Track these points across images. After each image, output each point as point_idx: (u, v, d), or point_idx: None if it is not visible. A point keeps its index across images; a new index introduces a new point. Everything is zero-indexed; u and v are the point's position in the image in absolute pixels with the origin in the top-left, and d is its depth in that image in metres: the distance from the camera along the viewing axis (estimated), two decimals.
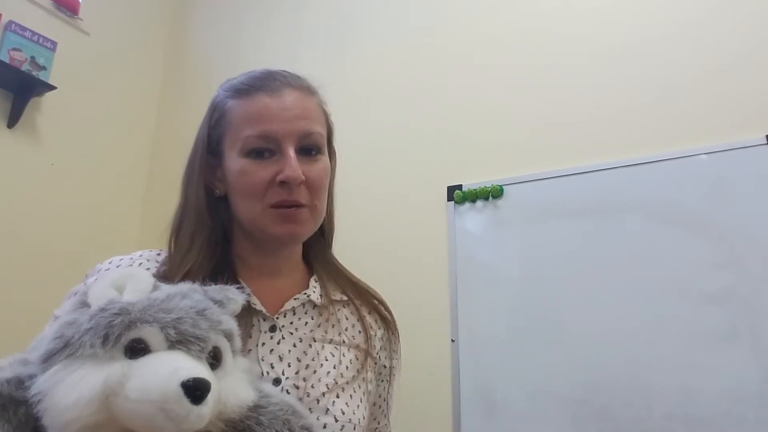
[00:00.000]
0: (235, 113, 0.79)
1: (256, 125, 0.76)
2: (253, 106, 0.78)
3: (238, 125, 0.78)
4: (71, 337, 0.48)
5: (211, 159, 0.81)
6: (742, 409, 1.48)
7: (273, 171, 0.76)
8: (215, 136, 0.81)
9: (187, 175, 0.83)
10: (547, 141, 1.95)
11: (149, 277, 0.56)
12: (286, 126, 0.76)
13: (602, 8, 1.97)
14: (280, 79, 0.80)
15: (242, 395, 0.54)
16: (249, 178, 0.76)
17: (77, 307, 0.52)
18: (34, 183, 2.32)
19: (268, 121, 0.76)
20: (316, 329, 0.81)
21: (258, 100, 0.78)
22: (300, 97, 0.80)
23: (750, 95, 1.68)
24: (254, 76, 0.81)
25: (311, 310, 0.83)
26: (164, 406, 0.45)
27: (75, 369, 0.47)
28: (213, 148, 0.81)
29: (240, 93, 0.80)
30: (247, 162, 0.76)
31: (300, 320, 0.81)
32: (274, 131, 0.76)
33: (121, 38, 2.77)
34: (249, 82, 0.80)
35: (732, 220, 1.60)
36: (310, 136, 0.79)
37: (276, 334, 0.77)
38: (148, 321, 0.49)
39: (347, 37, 2.50)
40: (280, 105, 0.77)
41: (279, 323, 0.79)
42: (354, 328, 0.86)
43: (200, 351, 0.50)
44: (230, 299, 0.59)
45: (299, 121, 0.78)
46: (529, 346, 1.75)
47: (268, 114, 0.77)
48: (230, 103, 0.80)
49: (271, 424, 0.54)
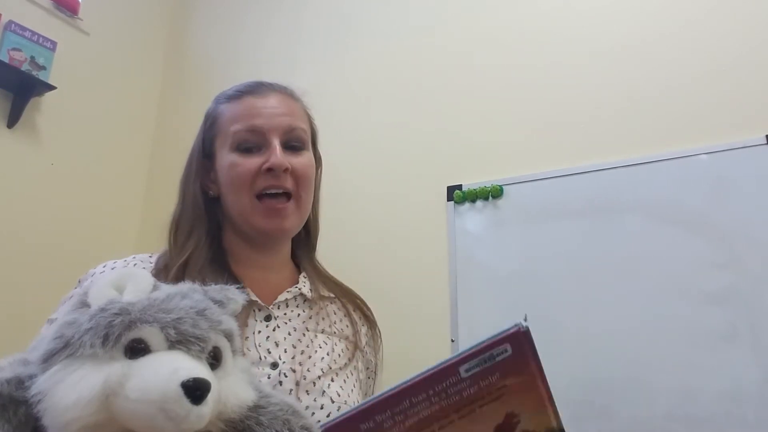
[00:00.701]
0: (225, 116, 0.87)
1: (244, 121, 0.84)
2: (242, 107, 0.86)
3: (228, 123, 0.86)
4: (71, 337, 0.48)
5: (206, 161, 0.89)
6: (742, 409, 1.48)
7: (260, 162, 0.82)
8: (208, 138, 0.89)
9: (184, 177, 0.90)
10: (547, 141, 1.95)
11: (149, 277, 0.56)
12: (271, 121, 0.84)
13: (602, 8, 1.97)
14: (267, 86, 0.89)
15: (242, 395, 0.54)
16: (238, 169, 0.83)
17: (77, 307, 0.52)
18: (34, 183, 2.32)
19: (255, 117, 0.84)
20: (308, 320, 0.86)
21: (246, 102, 0.86)
22: (285, 98, 0.89)
23: (750, 95, 1.68)
24: (244, 84, 0.90)
25: (302, 304, 0.88)
26: (164, 406, 0.45)
27: (75, 369, 0.47)
28: (207, 150, 0.89)
29: (230, 98, 0.88)
30: (236, 156, 0.84)
31: (293, 312, 0.86)
32: (260, 125, 0.83)
33: (121, 38, 2.77)
34: (238, 88, 0.89)
35: (732, 220, 1.60)
36: (294, 131, 0.86)
37: (271, 322, 0.82)
38: (148, 321, 0.49)
39: (347, 37, 2.50)
40: (266, 104, 0.86)
41: (274, 313, 0.84)
42: (342, 321, 0.91)
43: (200, 351, 0.50)
44: (230, 299, 0.59)
45: (284, 117, 0.86)
46: None
47: (255, 111, 0.85)
48: (221, 107, 0.89)
49: (271, 424, 0.54)
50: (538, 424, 0.63)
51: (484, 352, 0.58)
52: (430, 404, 0.58)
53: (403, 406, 0.58)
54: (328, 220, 2.46)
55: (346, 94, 2.41)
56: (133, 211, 2.68)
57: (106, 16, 2.70)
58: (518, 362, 0.60)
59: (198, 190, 0.87)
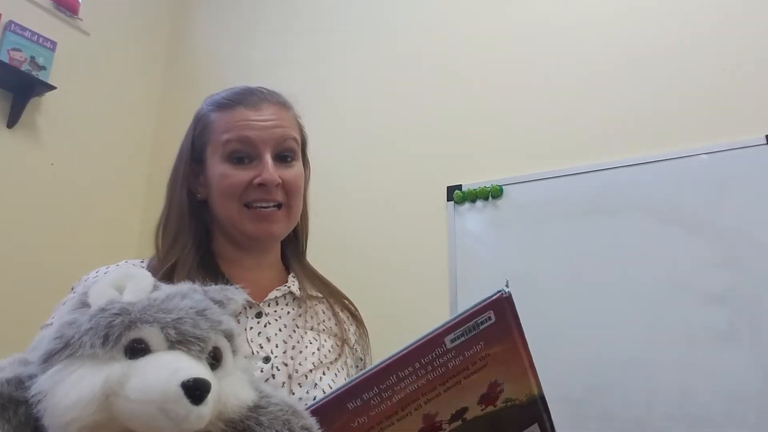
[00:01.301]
0: (217, 124, 0.87)
1: (236, 132, 0.85)
2: (234, 117, 0.86)
3: (220, 133, 0.86)
4: (71, 337, 0.48)
5: (195, 166, 0.90)
6: (742, 409, 1.48)
7: (251, 175, 0.84)
8: (199, 145, 0.89)
9: (172, 180, 0.92)
10: (547, 141, 1.95)
11: (149, 277, 0.56)
12: (263, 133, 0.85)
13: (602, 9, 1.97)
14: (258, 95, 0.89)
15: (242, 395, 0.53)
16: (229, 180, 0.84)
17: (77, 307, 0.52)
18: (34, 183, 2.32)
19: (247, 128, 0.85)
20: (297, 318, 0.88)
21: (238, 113, 0.86)
22: (276, 109, 0.89)
23: (750, 95, 1.68)
24: (235, 92, 0.90)
25: (291, 302, 0.90)
26: (164, 406, 0.45)
27: (75, 369, 0.47)
28: (197, 156, 0.90)
29: (222, 107, 0.88)
30: (227, 167, 0.85)
31: (283, 309, 0.88)
32: (252, 137, 0.84)
33: (121, 38, 2.77)
34: (230, 97, 0.89)
35: (732, 220, 1.60)
36: (285, 142, 0.87)
37: (262, 319, 0.84)
38: (149, 321, 0.49)
39: (347, 36, 2.50)
40: (258, 116, 0.86)
41: (264, 310, 0.85)
42: (330, 320, 0.93)
43: (200, 351, 0.50)
44: (230, 299, 0.59)
45: (276, 129, 0.86)
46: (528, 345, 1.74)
47: (247, 123, 0.85)
48: (213, 115, 0.89)
49: (271, 424, 0.54)
50: (520, 391, 0.63)
51: (468, 320, 0.58)
52: (416, 378, 0.58)
53: (389, 381, 0.57)
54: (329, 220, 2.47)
55: (347, 93, 2.41)
56: (134, 211, 2.68)
57: (106, 16, 2.70)
58: (502, 329, 0.60)
59: (185, 194, 0.88)
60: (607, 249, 1.74)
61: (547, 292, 1.79)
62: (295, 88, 0.96)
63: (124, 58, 2.77)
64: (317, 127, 1.03)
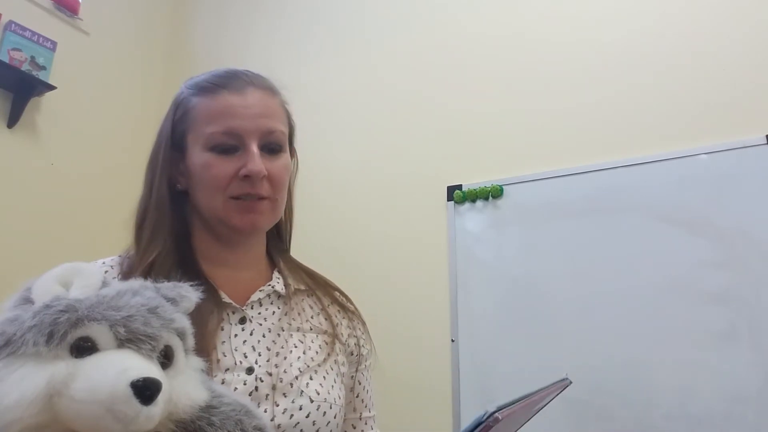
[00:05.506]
0: (199, 110, 0.81)
1: (220, 122, 0.79)
2: (218, 104, 0.80)
3: (203, 122, 0.80)
4: (13, 335, 0.46)
5: (175, 153, 0.83)
6: (742, 409, 1.48)
7: (236, 166, 0.78)
8: (179, 131, 0.83)
9: (150, 169, 0.86)
10: (547, 141, 1.95)
11: (98, 272, 0.54)
12: (249, 123, 0.79)
13: (602, 8, 1.97)
14: (244, 78, 0.83)
15: (194, 395, 0.52)
16: (213, 171, 0.78)
17: (19, 304, 0.50)
18: (34, 183, 2.32)
19: (232, 118, 0.79)
20: (283, 318, 0.83)
21: (222, 98, 0.80)
22: (263, 96, 0.82)
23: (750, 95, 1.68)
24: (218, 75, 0.83)
25: (276, 301, 0.85)
26: (112, 407, 0.43)
27: (17, 368, 0.45)
28: (176, 143, 0.83)
29: (204, 91, 0.82)
30: (211, 156, 0.79)
31: (267, 310, 0.83)
32: (237, 128, 0.78)
33: (121, 38, 2.77)
34: (213, 80, 0.82)
35: (732, 220, 1.60)
36: (272, 134, 0.81)
37: (247, 325, 0.79)
38: (96, 318, 0.47)
39: (348, 35, 2.50)
40: (243, 103, 0.80)
41: (248, 314, 0.80)
42: (318, 316, 0.88)
43: (151, 350, 0.48)
44: (183, 297, 0.57)
45: (262, 119, 0.80)
46: (529, 345, 1.75)
47: (232, 111, 0.79)
48: (194, 100, 0.82)
49: (223, 424, 0.52)
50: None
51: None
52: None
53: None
54: (329, 220, 2.46)
55: (347, 93, 2.41)
56: (134, 211, 2.67)
57: (106, 16, 2.70)
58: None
59: (164, 183, 0.83)
60: (607, 249, 1.74)
61: (547, 292, 1.79)
62: (295, 88, 0.93)
63: (124, 57, 2.77)
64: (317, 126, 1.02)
